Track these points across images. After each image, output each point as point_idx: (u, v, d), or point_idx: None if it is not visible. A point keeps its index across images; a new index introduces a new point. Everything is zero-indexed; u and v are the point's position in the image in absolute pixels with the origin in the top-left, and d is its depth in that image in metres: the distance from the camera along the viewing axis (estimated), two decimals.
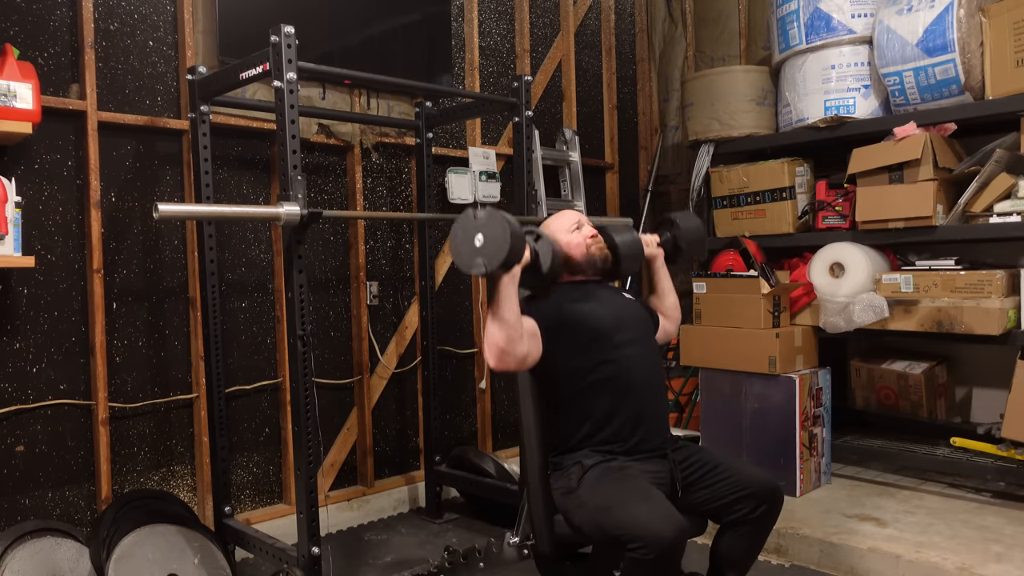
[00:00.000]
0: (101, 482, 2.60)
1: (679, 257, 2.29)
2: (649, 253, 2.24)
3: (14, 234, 2.26)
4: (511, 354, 1.83)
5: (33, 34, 2.50)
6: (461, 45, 3.65)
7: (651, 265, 2.28)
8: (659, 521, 1.69)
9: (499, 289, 1.81)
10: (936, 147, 3.06)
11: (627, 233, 2.14)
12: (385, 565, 2.84)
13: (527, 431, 2.03)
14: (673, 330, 2.33)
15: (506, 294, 1.81)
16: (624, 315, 2.09)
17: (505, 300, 1.81)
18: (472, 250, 1.77)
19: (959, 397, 3.72)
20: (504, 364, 1.84)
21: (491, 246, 1.75)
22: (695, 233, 2.26)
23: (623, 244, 2.12)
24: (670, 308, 2.31)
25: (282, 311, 3.05)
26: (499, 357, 1.83)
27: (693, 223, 2.28)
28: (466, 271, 1.80)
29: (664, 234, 2.28)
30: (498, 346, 1.82)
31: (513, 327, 1.81)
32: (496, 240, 1.74)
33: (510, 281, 1.81)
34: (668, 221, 2.29)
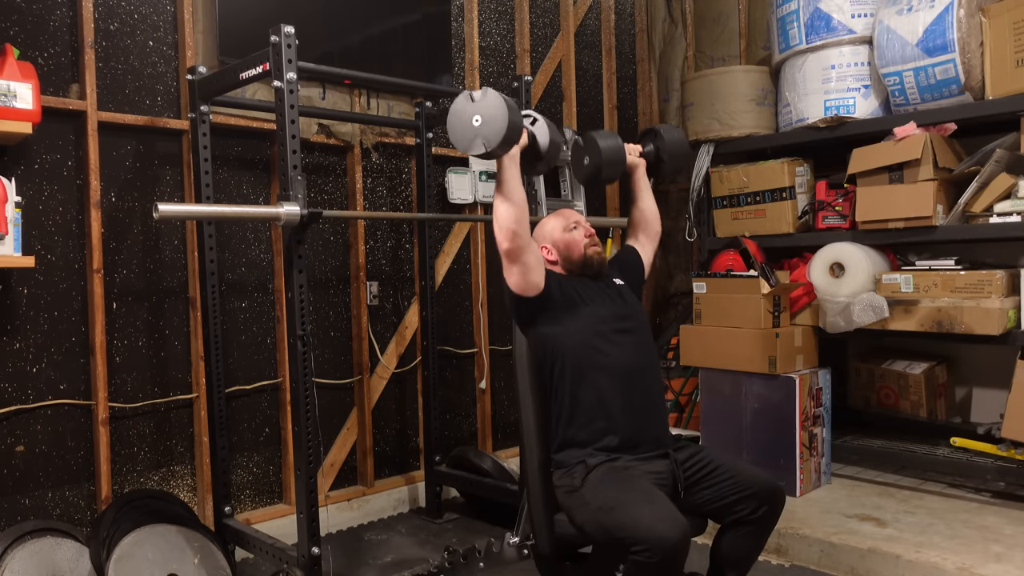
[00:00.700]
0: (101, 482, 2.60)
1: (661, 168, 2.33)
2: (631, 162, 2.28)
3: (14, 234, 2.26)
4: (521, 236, 1.90)
5: (33, 34, 2.50)
6: (461, 45, 3.65)
7: (633, 174, 2.33)
8: (663, 524, 1.69)
9: (502, 170, 1.89)
10: (936, 147, 3.06)
11: (610, 138, 2.16)
12: (385, 565, 2.84)
13: (527, 430, 2.03)
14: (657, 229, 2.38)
15: (509, 175, 1.89)
16: (619, 308, 2.10)
17: (509, 180, 1.89)
18: (471, 130, 1.83)
19: (959, 397, 3.72)
20: (515, 244, 1.90)
21: (490, 125, 1.80)
22: (678, 146, 2.30)
23: (605, 149, 2.14)
24: (650, 215, 2.36)
25: (282, 311, 3.05)
26: (510, 236, 1.89)
27: (677, 135, 2.32)
28: (466, 151, 1.86)
29: (647, 145, 2.32)
30: (508, 226, 1.88)
31: (520, 207, 1.89)
32: (495, 119, 1.79)
33: (511, 162, 1.90)
34: (652, 132, 2.34)
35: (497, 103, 1.80)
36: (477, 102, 1.82)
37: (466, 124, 1.83)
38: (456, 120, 1.86)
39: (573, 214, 2.21)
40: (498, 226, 1.90)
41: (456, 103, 1.86)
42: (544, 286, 1.99)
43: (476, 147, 1.82)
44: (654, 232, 2.37)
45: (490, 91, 1.82)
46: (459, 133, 1.86)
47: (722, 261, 3.67)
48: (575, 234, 2.15)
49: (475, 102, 1.83)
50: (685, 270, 4.39)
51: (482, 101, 1.82)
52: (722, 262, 3.67)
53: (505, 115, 1.79)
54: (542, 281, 1.98)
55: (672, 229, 4.32)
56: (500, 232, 1.90)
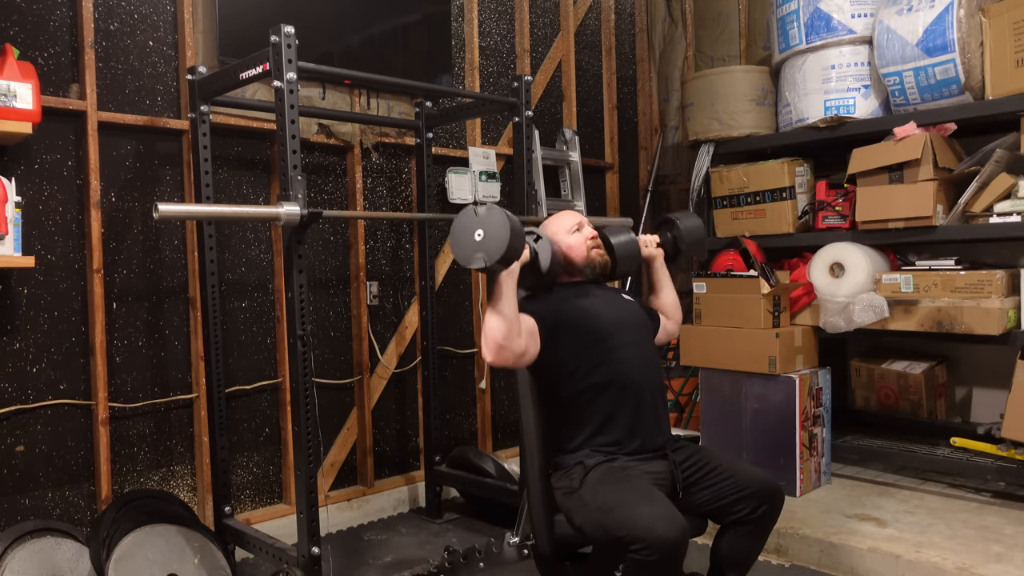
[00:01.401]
0: (101, 482, 2.60)
1: (679, 257, 2.29)
2: (648, 254, 2.25)
3: (14, 234, 2.26)
4: (508, 349, 1.85)
5: (33, 34, 2.50)
6: (461, 45, 3.65)
7: (650, 265, 2.29)
8: (662, 523, 1.69)
9: (498, 285, 1.85)
10: (936, 147, 3.06)
11: (623, 234, 2.15)
12: (385, 565, 2.84)
13: (527, 431, 2.03)
14: (674, 330, 2.33)
15: (505, 290, 1.85)
16: (623, 316, 2.10)
17: (504, 296, 1.84)
18: (472, 244, 1.81)
19: (959, 397, 3.72)
20: (501, 359, 1.86)
21: (491, 241, 1.78)
22: (695, 233, 2.27)
23: (619, 245, 2.13)
24: (670, 308, 2.31)
25: (282, 311, 3.05)
26: (496, 352, 1.85)
27: (694, 223, 2.28)
28: (465, 265, 1.84)
29: (664, 234, 2.29)
30: (496, 341, 1.84)
31: (511, 323, 1.84)
32: (496, 236, 1.77)
33: (509, 278, 1.85)
34: (668, 221, 2.30)
35: (500, 221, 1.78)
36: (481, 217, 1.81)
37: (468, 237, 1.81)
38: (459, 231, 1.84)
39: (575, 216, 2.20)
40: (485, 339, 1.86)
41: (461, 215, 1.85)
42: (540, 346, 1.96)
43: (476, 261, 1.80)
44: (676, 320, 2.33)
45: (495, 208, 1.80)
46: (460, 245, 1.83)
47: (722, 261, 3.67)
48: (577, 236, 2.14)
49: (478, 216, 1.81)
50: (685, 270, 4.38)
51: (486, 217, 1.80)
52: (722, 262, 3.67)
53: (507, 234, 1.76)
54: (537, 348, 1.95)
55: None
56: (486, 345, 1.86)
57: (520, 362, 1.91)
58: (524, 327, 1.91)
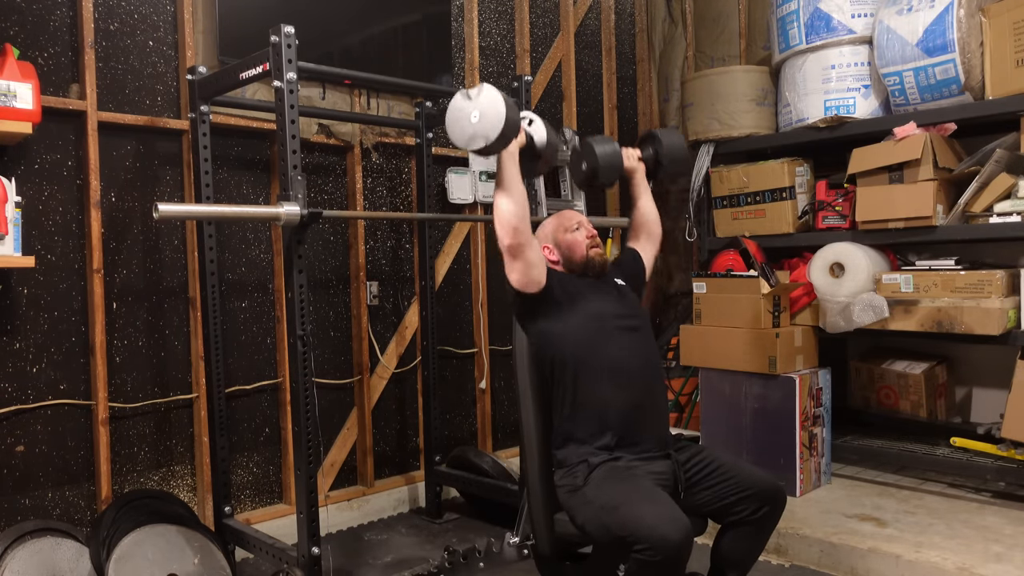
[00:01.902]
0: (101, 482, 2.60)
1: (660, 173, 2.33)
2: (629, 166, 2.29)
3: (14, 234, 2.26)
4: (522, 231, 1.91)
5: (33, 34, 2.50)
6: (461, 45, 3.65)
7: (631, 179, 2.33)
8: (666, 523, 1.69)
9: (502, 167, 1.91)
10: (936, 147, 3.06)
11: (607, 144, 2.17)
12: (385, 565, 2.84)
13: (527, 430, 2.03)
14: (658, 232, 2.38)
15: (509, 172, 1.91)
16: (621, 308, 2.11)
17: (509, 178, 1.91)
18: (470, 127, 1.85)
19: (959, 397, 3.72)
20: (517, 240, 1.91)
21: (487, 121, 1.82)
22: (677, 149, 2.30)
23: (602, 155, 2.15)
24: (651, 222, 2.37)
25: (282, 311, 3.05)
26: (512, 233, 1.90)
27: (675, 139, 2.31)
28: (466, 147, 1.88)
29: (646, 149, 2.32)
30: (510, 222, 1.90)
31: (520, 204, 1.91)
32: (491, 114, 1.81)
33: (510, 160, 1.92)
34: (651, 136, 2.34)
35: (494, 98, 1.82)
36: (474, 99, 1.85)
37: (464, 121, 1.85)
38: (454, 118, 1.88)
39: (575, 215, 2.21)
40: (499, 222, 1.91)
41: (453, 101, 1.89)
42: (545, 283, 2.00)
43: (475, 143, 1.84)
44: (655, 235, 2.38)
45: (486, 87, 1.84)
46: (457, 130, 1.88)
47: (722, 261, 3.67)
48: (577, 235, 2.15)
49: (472, 99, 1.85)
50: (685, 270, 4.39)
51: (479, 98, 1.84)
52: (722, 262, 3.67)
53: (502, 110, 1.80)
54: (543, 278, 2.00)
55: (672, 229, 4.32)
56: (501, 228, 1.91)
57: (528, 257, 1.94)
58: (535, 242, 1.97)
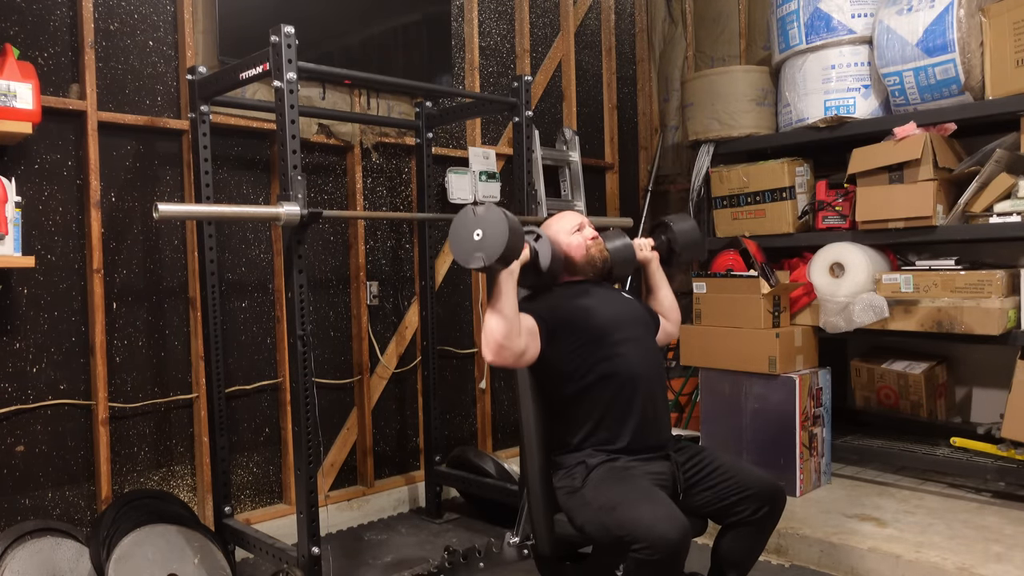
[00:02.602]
0: (101, 482, 2.60)
1: (674, 260, 2.30)
2: (643, 257, 2.26)
3: (14, 234, 2.26)
4: (508, 349, 1.85)
5: (33, 34, 2.50)
6: (461, 45, 3.65)
7: (646, 269, 2.30)
8: (664, 523, 1.69)
9: (498, 284, 1.85)
10: (936, 147, 3.06)
11: (618, 238, 2.16)
12: (385, 565, 2.84)
13: (527, 430, 2.03)
14: (674, 331, 2.33)
15: (505, 290, 1.85)
16: (623, 314, 2.10)
17: (503, 295, 1.84)
18: (471, 244, 1.81)
19: (959, 397, 3.72)
20: (501, 359, 1.86)
21: (490, 241, 1.78)
22: (690, 235, 2.28)
23: (614, 250, 2.14)
24: (668, 310, 2.32)
25: (282, 311, 3.05)
26: (497, 352, 1.85)
27: (688, 225, 2.29)
28: (465, 265, 1.84)
29: (659, 237, 2.30)
30: (496, 341, 1.84)
31: (511, 322, 1.84)
32: (495, 235, 1.78)
33: (509, 277, 1.85)
34: (663, 224, 2.31)
35: (498, 220, 1.78)
36: (479, 216, 1.81)
37: (467, 236, 1.81)
38: (458, 231, 1.84)
39: (576, 216, 2.20)
40: (486, 339, 1.86)
41: (459, 215, 1.85)
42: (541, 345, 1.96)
43: (475, 261, 1.80)
44: (674, 320, 2.33)
45: (493, 208, 1.80)
46: (459, 245, 1.83)
47: (722, 261, 3.68)
48: (578, 237, 2.14)
49: (477, 216, 1.81)
50: (685, 270, 4.39)
51: (484, 216, 1.80)
52: (722, 262, 3.67)
53: (505, 233, 1.76)
54: (537, 348, 1.95)
55: None
56: (486, 345, 1.86)
57: (520, 362, 1.91)
58: (524, 326, 1.91)
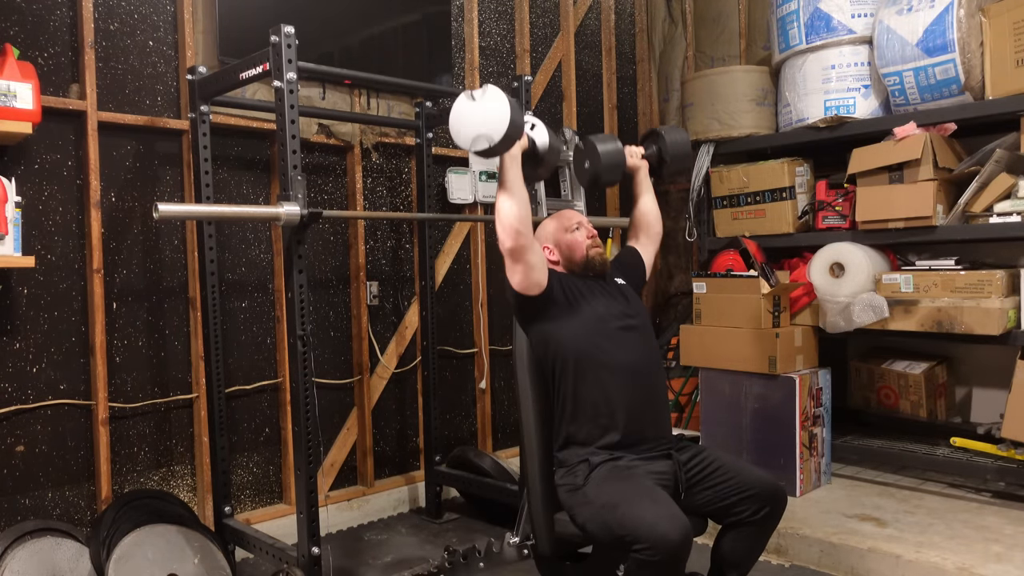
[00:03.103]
0: (101, 482, 2.60)
1: (664, 170, 2.33)
2: (632, 164, 2.29)
3: (14, 234, 2.26)
4: (524, 236, 1.90)
5: (33, 34, 2.50)
6: (461, 45, 3.65)
7: (635, 176, 2.33)
8: (666, 522, 1.69)
9: (504, 169, 1.91)
10: (936, 147, 3.06)
11: (610, 142, 2.16)
12: (385, 565, 2.84)
13: (527, 429, 2.03)
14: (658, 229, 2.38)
15: (512, 174, 1.91)
16: (623, 309, 2.10)
17: (511, 179, 1.90)
18: (473, 128, 1.84)
19: (959, 397, 3.72)
20: (518, 243, 1.90)
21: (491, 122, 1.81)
22: (680, 146, 2.30)
23: (604, 153, 2.15)
24: (652, 220, 2.36)
25: (282, 311, 3.05)
26: (514, 236, 1.90)
27: (679, 136, 2.31)
28: (469, 149, 1.87)
29: (650, 147, 2.32)
30: (512, 225, 1.89)
31: (523, 207, 1.90)
32: (496, 115, 1.81)
33: (513, 162, 1.91)
34: (654, 134, 2.34)
35: (498, 99, 1.82)
36: (478, 100, 1.84)
37: (468, 122, 1.85)
38: (458, 119, 1.88)
39: (575, 215, 2.21)
40: (501, 225, 1.90)
41: (457, 102, 1.88)
42: (547, 285, 2.00)
43: (479, 144, 1.83)
44: (655, 233, 2.38)
45: (490, 88, 1.84)
46: (461, 131, 1.87)
47: (722, 261, 3.68)
48: (577, 235, 2.15)
49: (476, 100, 1.84)
50: (685, 270, 4.39)
51: (483, 99, 1.84)
52: (722, 262, 3.67)
53: (506, 111, 1.80)
54: (545, 280, 1.99)
55: (672, 229, 4.32)
56: (503, 231, 1.90)
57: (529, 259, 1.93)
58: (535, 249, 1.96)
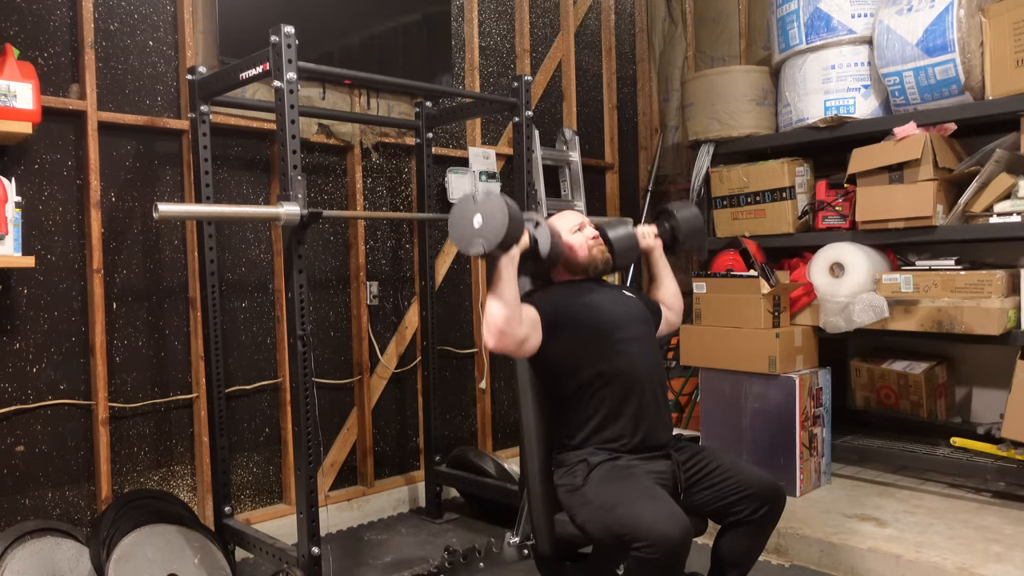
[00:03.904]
0: (101, 482, 2.60)
1: (677, 247, 2.30)
2: (646, 245, 2.26)
3: (14, 234, 2.26)
4: (510, 335, 1.85)
5: (33, 34, 2.50)
6: (461, 45, 3.65)
7: (649, 257, 2.30)
8: (665, 521, 1.69)
9: (498, 271, 1.85)
10: (936, 147, 3.06)
11: (621, 227, 2.16)
12: (385, 565, 2.84)
13: (527, 429, 2.03)
14: (676, 321, 2.34)
15: (506, 275, 1.84)
16: (625, 313, 2.10)
17: (504, 281, 1.84)
18: (471, 231, 1.82)
19: (959, 397, 3.72)
20: (503, 344, 1.86)
21: (489, 227, 1.79)
22: (692, 222, 2.28)
23: (616, 239, 2.14)
24: (671, 298, 2.32)
25: (282, 311, 3.05)
26: (498, 337, 1.85)
27: (690, 212, 2.29)
28: (464, 251, 1.85)
29: (662, 225, 2.31)
30: (497, 326, 1.83)
31: (512, 308, 1.84)
32: (494, 221, 1.79)
33: (509, 263, 1.85)
34: (666, 212, 2.32)
35: (498, 207, 1.79)
36: (479, 203, 1.82)
37: (467, 223, 1.82)
38: (457, 218, 1.85)
39: (576, 216, 2.20)
40: (486, 324, 1.85)
41: (459, 202, 1.87)
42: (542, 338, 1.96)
43: (475, 247, 1.81)
44: (677, 310, 2.33)
45: (493, 194, 1.82)
46: (459, 232, 1.84)
47: (722, 261, 3.67)
48: (579, 236, 2.14)
49: (477, 203, 1.82)
50: (685, 270, 4.39)
51: (484, 202, 1.81)
52: (722, 262, 3.67)
53: (505, 219, 1.77)
54: (539, 338, 1.95)
55: None
56: (488, 331, 1.85)
57: (521, 350, 1.91)
58: (526, 316, 1.91)
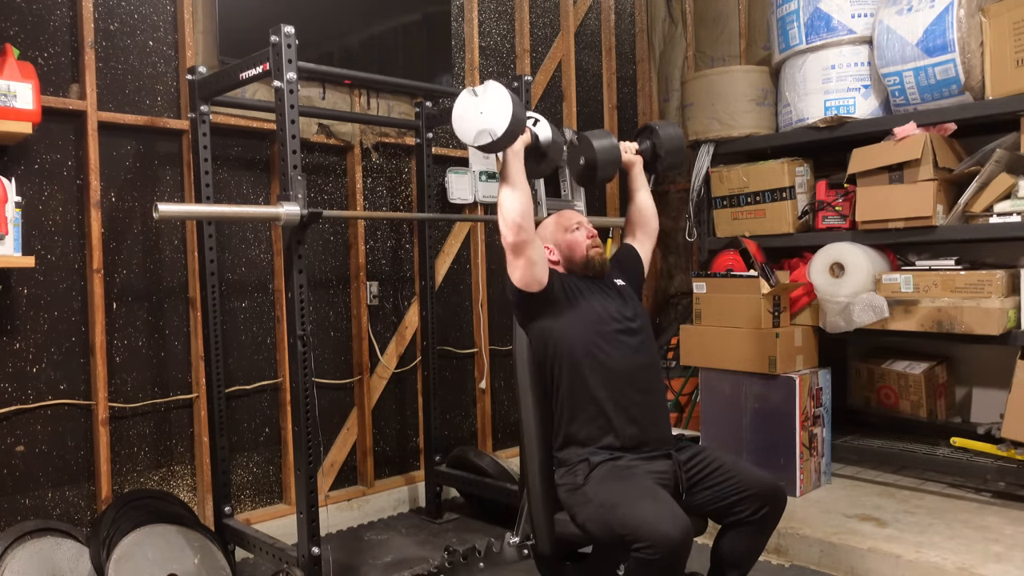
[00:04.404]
0: (101, 482, 2.60)
1: (658, 165, 2.33)
2: (627, 159, 2.29)
3: (14, 234, 2.26)
4: (526, 228, 1.91)
5: (33, 34, 2.50)
6: (461, 45, 3.65)
7: (630, 172, 2.33)
8: (666, 521, 1.69)
9: (507, 165, 1.92)
10: (936, 147, 3.06)
11: (605, 138, 2.17)
12: (385, 565, 2.84)
13: (527, 429, 2.03)
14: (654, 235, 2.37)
15: (514, 169, 1.92)
16: (621, 309, 2.11)
17: (514, 174, 1.92)
18: (476, 124, 1.86)
19: (959, 397, 3.72)
20: (521, 236, 1.92)
21: (493, 117, 1.83)
22: (674, 141, 2.30)
23: (600, 149, 2.15)
24: (649, 216, 2.35)
25: (282, 311, 3.05)
26: (516, 231, 1.91)
27: (672, 131, 2.31)
28: (472, 144, 1.88)
29: (643, 142, 2.33)
30: (514, 220, 1.90)
31: (525, 200, 1.91)
32: (498, 110, 1.83)
33: (515, 157, 1.93)
34: (648, 129, 2.34)
35: (500, 95, 1.83)
36: (480, 96, 1.86)
37: (470, 118, 1.87)
38: (460, 115, 1.90)
39: (575, 215, 2.22)
40: (503, 220, 1.92)
41: (460, 98, 1.90)
42: (547, 282, 2.01)
43: (482, 139, 1.85)
44: (652, 229, 2.37)
45: (492, 83, 1.86)
46: (464, 127, 1.89)
47: (722, 261, 3.67)
48: (577, 235, 2.15)
49: (478, 96, 1.86)
50: (685, 270, 4.39)
51: (485, 95, 1.86)
52: (722, 262, 3.67)
53: (508, 106, 1.82)
54: (545, 277, 2.00)
55: (672, 229, 4.32)
56: (506, 225, 1.92)
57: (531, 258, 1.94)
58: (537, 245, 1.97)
